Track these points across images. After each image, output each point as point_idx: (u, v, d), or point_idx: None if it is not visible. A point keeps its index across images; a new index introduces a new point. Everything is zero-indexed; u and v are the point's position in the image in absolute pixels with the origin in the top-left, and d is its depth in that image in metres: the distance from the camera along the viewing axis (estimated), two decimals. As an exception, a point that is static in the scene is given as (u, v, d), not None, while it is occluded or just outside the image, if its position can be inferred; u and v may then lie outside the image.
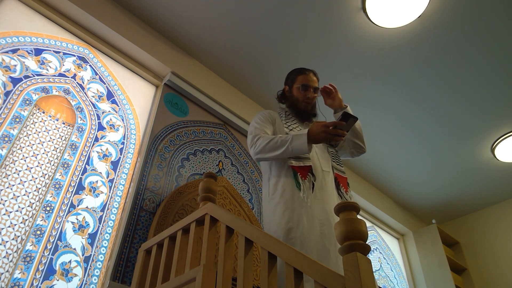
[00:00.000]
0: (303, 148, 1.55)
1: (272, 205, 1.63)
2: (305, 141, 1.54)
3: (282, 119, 1.82)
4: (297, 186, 1.59)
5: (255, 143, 1.68)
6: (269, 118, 1.82)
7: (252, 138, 1.71)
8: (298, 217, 1.53)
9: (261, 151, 1.64)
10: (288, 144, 1.58)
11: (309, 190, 1.57)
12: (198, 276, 1.24)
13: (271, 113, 1.86)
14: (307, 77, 1.87)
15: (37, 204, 1.73)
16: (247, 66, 2.90)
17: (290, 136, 1.59)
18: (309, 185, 1.58)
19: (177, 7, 2.53)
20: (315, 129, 1.56)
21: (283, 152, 1.59)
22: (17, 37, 2.05)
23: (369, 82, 2.95)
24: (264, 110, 1.89)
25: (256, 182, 2.79)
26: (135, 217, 1.96)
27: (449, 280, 3.59)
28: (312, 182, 1.60)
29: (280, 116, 1.84)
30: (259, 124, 1.77)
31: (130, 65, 2.53)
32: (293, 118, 1.83)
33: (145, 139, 2.31)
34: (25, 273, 1.57)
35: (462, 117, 3.18)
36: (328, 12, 2.51)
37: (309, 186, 1.58)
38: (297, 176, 1.60)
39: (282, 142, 1.60)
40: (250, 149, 1.72)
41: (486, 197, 4.06)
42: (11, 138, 1.77)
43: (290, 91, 1.90)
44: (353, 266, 0.86)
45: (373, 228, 3.91)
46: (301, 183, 1.58)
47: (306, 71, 1.90)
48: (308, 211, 1.54)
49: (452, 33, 2.59)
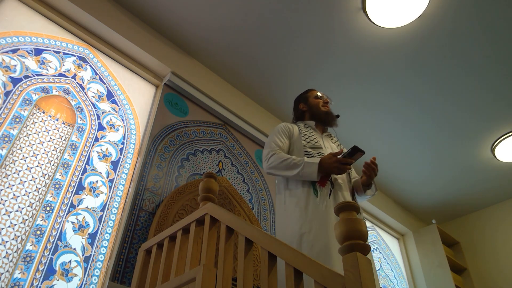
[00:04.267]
0: (312, 177, 1.64)
1: (288, 213, 1.68)
2: (315, 171, 1.63)
3: (300, 131, 1.87)
4: (315, 193, 1.65)
5: (269, 159, 1.77)
6: (286, 132, 1.89)
7: (268, 153, 1.79)
8: (311, 223, 1.58)
9: (273, 167, 1.74)
10: (299, 169, 1.66)
11: (326, 197, 1.64)
12: (198, 276, 1.24)
13: (289, 126, 1.93)
14: (315, 91, 2.05)
15: (37, 204, 1.73)
16: (247, 66, 2.90)
17: (303, 162, 1.67)
18: (326, 192, 1.65)
19: (177, 7, 2.53)
20: (327, 161, 1.64)
21: (293, 175, 1.68)
22: (17, 37, 2.05)
23: (369, 82, 2.95)
24: (283, 123, 1.96)
25: (256, 182, 2.79)
26: (134, 217, 1.96)
27: (449, 280, 3.59)
28: (330, 189, 1.67)
29: (299, 129, 1.90)
30: (276, 138, 1.85)
31: (130, 65, 2.53)
32: (312, 131, 1.89)
33: (145, 139, 2.31)
34: (25, 273, 1.57)
35: (462, 117, 3.18)
36: (328, 12, 2.51)
37: (326, 193, 1.65)
38: (315, 184, 1.67)
39: (294, 165, 1.68)
40: (264, 162, 1.81)
41: (486, 197, 4.06)
42: (11, 138, 1.77)
43: (307, 104, 2.01)
44: (353, 266, 0.86)
45: (373, 228, 3.91)
46: (318, 191, 1.66)
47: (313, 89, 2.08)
48: (323, 216, 1.59)
49: (452, 33, 2.59)
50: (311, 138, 1.83)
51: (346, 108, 3.16)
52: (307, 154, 1.73)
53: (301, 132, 1.86)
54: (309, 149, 1.76)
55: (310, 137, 1.83)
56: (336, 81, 2.97)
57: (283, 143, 1.82)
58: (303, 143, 1.78)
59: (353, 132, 3.39)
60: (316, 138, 1.84)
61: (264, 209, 2.71)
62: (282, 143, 1.82)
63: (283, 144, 1.82)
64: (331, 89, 3.00)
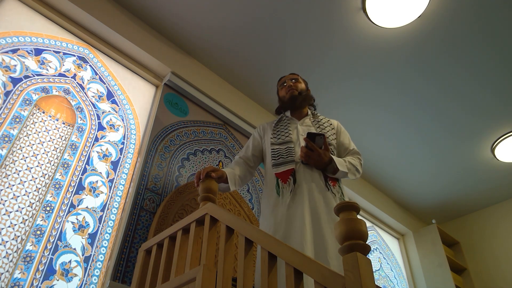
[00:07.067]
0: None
1: (263, 210, 1.77)
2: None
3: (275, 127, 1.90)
4: (277, 191, 1.68)
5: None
6: (257, 135, 1.97)
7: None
8: (280, 219, 1.61)
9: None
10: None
11: (287, 193, 1.65)
12: (198, 276, 1.24)
13: (259, 130, 1.99)
14: (282, 78, 2.06)
15: (37, 204, 1.73)
16: (247, 66, 2.90)
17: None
18: (288, 188, 1.66)
19: (177, 7, 2.53)
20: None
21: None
22: (17, 37, 2.05)
23: (369, 82, 2.95)
24: (258, 127, 2.03)
25: (256, 182, 2.79)
26: (135, 217, 1.96)
27: (449, 280, 3.59)
28: (292, 185, 1.67)
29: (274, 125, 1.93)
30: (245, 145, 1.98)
31: (130, 65, 2.53)
32: (287, 123, 1.90)
33: (145, 139, 2.31)
34: (25, 273, 1.57)
35: (462, 117, 3.18)
36: (328, 12, 2.51)
37: (288, 189, 1.66)
38: (278, 181, 1.70)
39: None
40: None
41: (486, 197, 4.06)
42: (11, 138, 1.77)
43: (278, 96, 2.05)
44: (353, 266, 0.86)
45: (373, 228, 3.91)
46: (280, 188, 1.68)
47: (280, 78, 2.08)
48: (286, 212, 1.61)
49: (453, 33, 2.59)
50: (282, 133, 1.84)
51: (346, 108, 3.16)
52: (273, 151, 1.78)
53: (275, 128, 1.89)
54: (277, 146, 1.79)
55: (282, 131, 1.85)
56: (336, 81, 2.97)
57: (246, 150, 1.93)
58: (271, 141, 1.83)
59: (352, 132, 3.36)
60: (289, 131, 1.83)
61: (264, 209, 2.71)
62: (244, 151, 1.93)
63: (246, 151, 1.92)
64: (331, 89, 3.01)
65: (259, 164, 1.94)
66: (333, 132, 1.87)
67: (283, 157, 1.74)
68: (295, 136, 1.82)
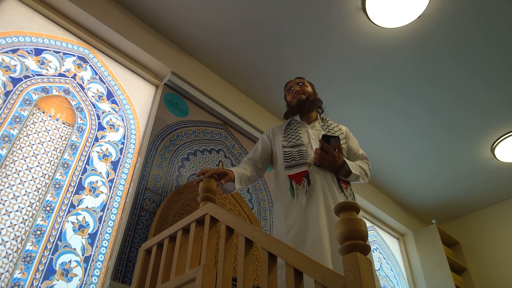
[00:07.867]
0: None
1: (275, 211, 1.77)
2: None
3: (285, 131, 1.90)
4: (292, 192, 1.67)
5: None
6: (266, 139, 1.96)
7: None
8: (294, 220, 1.61)
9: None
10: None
11: (302, 195, 1.65)
12: (198, 276, 1.24)
13: (268, 133, 1.99)
14: (289, 83, 2.05)
15: (37, 204, 1.73)
16: (247, 66, 2.90)
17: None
18: (303, 190, 1.66)
19: (177, 7, 2.53)
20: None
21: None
22: (17, 37, 2.05)
23: (368, 82, 2.95)
24: (267, 131, 2.02)
25: (256, 182, 2.79)
26: (135, 217, 1.96)
27: (449, 280, 3.59)
28: (307, 187, 1.67)
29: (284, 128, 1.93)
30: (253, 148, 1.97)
31: (130, 65, 2.53)
32: (297, 126, 1.90)
33: (145, 139, 2.31)
34: (25, 273, 1.57)
35: (462, 117, 3.18)
36: (328, 12, 2.51)
37: (303, 190, 1.66)
38: (292, 182, 1.69)
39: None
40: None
41: (486, 197, 4.06)
42: (11, 138, 1.77)
43: (286, 103, 2.04)
44: (353, 266, 0.86)
45: (373, 228, 3.91)
46: (295, 189, 1.67)
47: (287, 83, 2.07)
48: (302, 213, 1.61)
49: (453, 33, 2.59)
50: (293, 136, 1.84)
51: (346, 108, 3.16)
52: (285, 153, 1.77)
53: (285, 131, 1.89)
54: (289, 148, 1.79)
55: (293, 135, 1.85)
56: (336, 81, 2.97)
57: (254, 152, 1.92)
58: (282, 144, 1.82)
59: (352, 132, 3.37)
60: (300, 134, 1.84)
61: (264, 209, 2.71)
62: (252, 153, 1.92)
63: (254, 154, 1.91)
64: (331, 89, 3.01)
65: (267, 167, 1.94)
66: (342, 137, 1.88)
67: (296, 159, 1.73)
68: (306, 139, 1.82)
